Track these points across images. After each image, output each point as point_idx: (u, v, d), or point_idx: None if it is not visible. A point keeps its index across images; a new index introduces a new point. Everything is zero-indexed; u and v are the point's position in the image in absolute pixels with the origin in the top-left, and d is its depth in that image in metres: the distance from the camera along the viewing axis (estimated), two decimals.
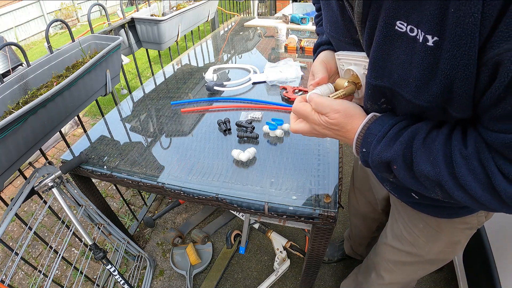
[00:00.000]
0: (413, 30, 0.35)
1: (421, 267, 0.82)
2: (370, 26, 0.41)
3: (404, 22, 0.35)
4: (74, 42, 1.11)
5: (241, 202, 0.76)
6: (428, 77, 0.36)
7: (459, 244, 0.72)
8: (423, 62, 0.35)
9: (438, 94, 0.36)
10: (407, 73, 0.38)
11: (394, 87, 0.41)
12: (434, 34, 0.33)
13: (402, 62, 0.38)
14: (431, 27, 0.32)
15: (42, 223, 1.86)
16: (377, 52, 0.40)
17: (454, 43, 0.31)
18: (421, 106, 0.40)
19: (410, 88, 0.39)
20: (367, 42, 0.43)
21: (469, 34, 0.30)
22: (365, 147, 0.47)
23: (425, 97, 0.38)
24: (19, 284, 1.54)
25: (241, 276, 1.47)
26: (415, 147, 0.41)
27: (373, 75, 0.43)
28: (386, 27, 0.37)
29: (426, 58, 0.35)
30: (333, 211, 0.71)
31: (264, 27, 2.12)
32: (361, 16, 0.41)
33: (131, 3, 6.44)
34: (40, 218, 1.74)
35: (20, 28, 6.57)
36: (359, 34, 0.45)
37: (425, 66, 0.35)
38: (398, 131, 0.44)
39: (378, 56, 0.41)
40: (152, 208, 1.87)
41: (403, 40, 0.37)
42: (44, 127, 0.89)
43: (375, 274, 0.95)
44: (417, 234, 0.73)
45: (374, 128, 0.46)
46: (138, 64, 1.70)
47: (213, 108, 1.16)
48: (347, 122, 0.48)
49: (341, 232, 1.66)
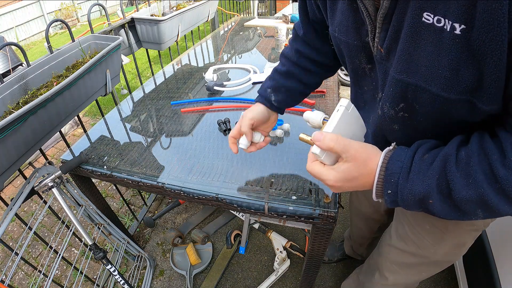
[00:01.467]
0: (440, 21, 0.35)
1: (426, 268, 0.81)
2: (396, 21, 0.40)
3: (431, 13, 0.36)
4: (74, 42, 1.11)
5: (241, 202, 0.76)
6: (457, 66, 0.36)
7: (465, 245, 0.71)
8: (451, 51, 0.35)
9: (468, 84, 0.36)
10: (436, 65, 0.38)
11: (420, 82, 0.40)
12: (461, 22, 0.33)
13: (430, 54, 0.38)
14: (458, 15, 0.33)
15: (42, 223, 1.86)
16: (404, 46, 0.40)
17: (482, 29, 0.32)
18: (449, 100, 0.39)
19: (439, 80, 0.38)
20: (391, 39, 0.42)
21: (496, 19, 0.30)
22: (391, 189, 0.43)
23: (455, 88, 0.37)
24: (19, 284, 1.54)
25: (241, 276, 1.47)
26: (450, 174, 0.38)
27: (399, 69, 0.42)
28: (414, 19, 0.37)
29: (454, 46, 0.35)
30: (333, 211, 0.71)
31: (264, 27, 2.12)
32: (385, 13, 0.41)
33: (131, 3, 6.44)
34: (40, 218, 1.74)
35: (20, 28, 6.57)
36: (375, 35, 0.44)
37: (453, 55, 0.35)
38: (422, 159, 0.42)
39: (404, 50, 0.40)
40: (152, 208, 1.87)
41: (430, 32, 0.37)
42: (44, 127, 0.89)
43: (378, 274, 0.95)
44: (423, 236, 0.72)
45: (394, 166, 0.43)
46: (138, 64, 1.70)
47: (213, 108, 1.16)
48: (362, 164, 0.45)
49: (341, 232, 1.66)
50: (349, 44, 0.52)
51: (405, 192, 0.42)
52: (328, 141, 0.46)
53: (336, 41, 0.56)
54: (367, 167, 0.45)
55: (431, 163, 0.40)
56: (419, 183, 0.40)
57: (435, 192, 0.40)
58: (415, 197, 0.41)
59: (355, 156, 0.45)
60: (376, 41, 0.45)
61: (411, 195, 0.41)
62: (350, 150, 0.45)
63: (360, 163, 0.45)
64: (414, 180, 0.41)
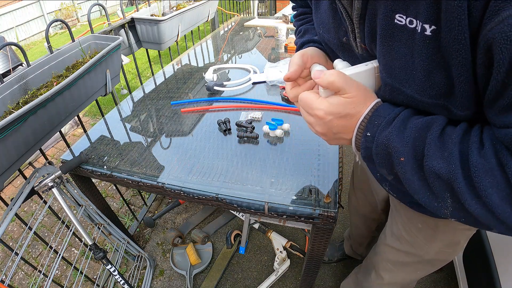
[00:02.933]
0: (412, 22, 0.34)
1: (421, 267, 0.81)
2: (369, 22, 0.40)
3: (403, 14, 0.35)
4: (74, 42, 1.11)
5: (241, 202, 0.76)
6: (429, 68, 0.35)
7: (459, 244, 0.72)
8: (422, 52, 0.35)
9: (440, 88, 0.35)
10: (409, 67, 0.37)
11: (396, 84, 0.40)
12: (431, 23, 0.32)
13: (404, 56, 0.37)
14: (428, 16, 0.32)
15: (42, 223, 1.86)
16: (379, 47, 0.40)
17: (446, 29, 0.31)
18: (425, 103, 0.38)
19: (413, 82, 0.38)
20: (369, 39, 0.42)
21: (456, 17, 0.29)
22: (370, 131, 0.41)
23: (428, 91, 0.37)
24: (19, 284, 1.54)
25: (241, 276, 1.47)
26: (430, 138, 0.36)
27: (383, 72, 0.42)
28: (386, 21, 0.37)
29: (425, 48, 0.34)
30: (333, 211, 0.71)
31: (264, 27, 2.12)
32: (359, 14, 0.41)
33: (131, 3, 6.44)
34: (40, 218, 1.74)
35: (20, 28, 6.57)
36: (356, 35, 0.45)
37: (424, 56, 0.35)
38: (410, 115, 0.40)
39: (380, 51, 0.40)
40: (152, 208, 1.87)
41: (403, 33, 0.36)
42: (44, 127, 0.89)
43: (374, 274, 0.95)
44: (416, 234, 0.73)
45: (384, 110, 0.41)
46: (138, 64, 1.70)
47: (213, 108, 1.16)
48: (363, 102, 0.42)
49: (341, 232, 1.66)
50: (330, 42, 0.52)
51: (381, 138, 0.39)
52: (329, 75, 0.42)
53: (320, 38, 0.57)
54: (365, 106, 0.42)
55: (418, 122, 0.38)
56: (397, 133, 0.38)
57: (410, 151, 0.37)
58: (388, 148, 0.39)
59: (356, 94, 0.42)
60: (358, 40, 0.45)
61: (385, 144, 0.39)
62: (352, 86, 0.42)
63: (360, 101, 0.42)
64: (394, 129, 0.39)
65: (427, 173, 0.36)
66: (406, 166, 0.38)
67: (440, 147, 0.35)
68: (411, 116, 0.40)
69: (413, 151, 0.37)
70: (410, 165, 0.37)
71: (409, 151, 0.37)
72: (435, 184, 0.36)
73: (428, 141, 0.36)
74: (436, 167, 0.35)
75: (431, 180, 0.36)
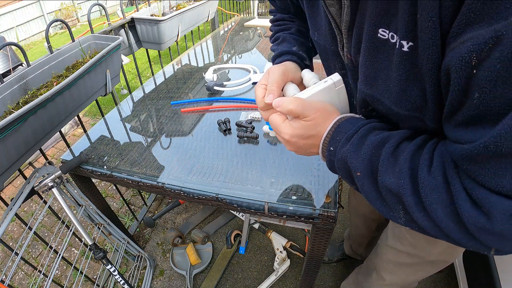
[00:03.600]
0: (393, 37, 0.35)
1: (422, 268, 0.81)
2: (356, 34, 0.41)
3: (386, 29, 0.36)
4: (74, 42, 1.11)
5: (241, 202, 0.76)
6: (405, 83, 0.36)
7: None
8: (399, 67, 0.36)
9: (415, 102, 0.36)
10: (388, 80, 0.38)
11: (376, 94, 0.41)
12: (409, 40, 0.33)
13: (384, 68, 0.39)
14: (406, 33, 0.33)
15: (42, 223, 1.86)
16: (363, 58, 0.41)
17: (422, 48, 0.32)
18: (401, 115, 0.40)
19: (391, 94, 0.39)
20: (355, 50, 0.43)
21: (430, 38, 0.30)
22: (333, 145, 0.44)
23: (404, 104, 0.38)
24: (19, 284, 1.54)
25: (241, 276, 1.47)
26: (384, 154, 0.38)
27: (361, 79, 0.43)
28: (370, 34, 0.38)
29: (402, 63, 0.35)
30: (333, 211, 0.71)
31: (264, 27, 2.12)
32: (347, 26, 0.42)
33: (131, 3, 6.44)
34: (40, 218, 1.74)
35: (20, 28, 6.57)
36: (344, 45, 0.46)
37: (401, 71, 0.36)
38: (368, 132, 0.41)
39: (363, 62, 0.41)
40: (152, 208, 1.87)
41: (385, 47, 0.37)
42: (44, 127, 0.89)
43: (375, 274, 0.95)
44: (418, 236, 0.72)
45: (345, 126, 0.43)
46: (138, 64, 1.70)
47: (213, 108, 1.16)
48: (324, 122, 0.45)
49: (341, 232, 1.66)
50: (326, 49, 0.53)
51: (340, 153, 0.42)
52: (287, 104, 0.45)
53: (315, 45, 0.57)
54: (325, 125, 0.44)
55: (374, 139, 0.40)
56: (355, 150, 0.40)
57: (366, 167, 0.39)
58: (346, 163, 0.41)
59: (314, 116, 0.44)
60: (345, 50, 0.46)
61: (344, 160, 0.41)
62: (310, 112, 0.44)
63: (319, 123, 0.45)
64: (352, 146, 0.41)
65: (380, 187, 0.38)
66: (363, 180, 0.40)
67: (393, 163, 0.37)
68: (370, 133, 0.41)
69: (369, 167, 0.39)
70: (366, 179, 0.39)
71: (365, 167, 0.39)
72: (387, 197, 0.38)
73: (381, 158, 0.38)
74: (387, 182, 0.37)
75: (384, 193, 0.38)
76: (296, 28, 0.67)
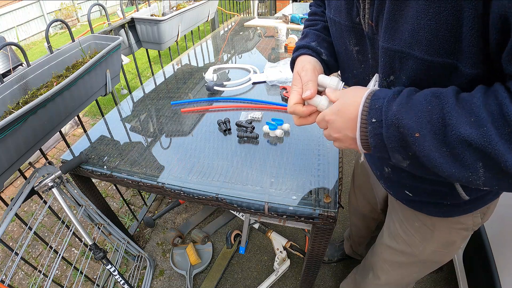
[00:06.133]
0: None
1: (415, 269, 0.82)
2: None
3: None
4: (74, 42, 1.11)
5: (241, 202, 0.76)
6: (436, 26, 0.35)
7: (454, 245, 0.71)
8: (429, 10, 0.35)
9: (450, 45, 0.35)
10: (417, 28, 0.37)
11: (404, 48, 0.40)
12: None
13: (411, 18, 0.38)
14: None
15: (42, 223, 1.86)
16: (389, 14, 0.41)
17: None
18: (434, 64, 0.38)
19: (421, 43, 0.38)
20: (378, 11, 0.43)
21: None
22: (375, 116, 0.40)
23: (438, 50, 0.36)
24: (19, 284, 1.54)
25: (241, 276, 1.47)
26: (448, 107, 0.34)
27: (386, 37, 0.42)
28: None
29: (432, 4, 0.35)
30: (333, 211, 0.71)
31: (264, 27, 2.12)
32: None
33: (131, 3, 6.44)
34: (40, 218, 1.74)
35: (20, 28, 6.57)
36: (365, 11, 0.46)
37: (431, 14, 0.35)
38: (411, 92, 0.39)
39: (389, 18, 0.41)
40: (152, 208, 1.87)
41: None
42: (44, 127, 0.89)
43: (372, 274, 0.95)
44: (413, 233, 0.73)
45: (380, 93, 0.41)
46: (138, 64, 1.70)
47: (213, 108, 1.16)
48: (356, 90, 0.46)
49: (341, 232, 1.66)
50: (341, 25, 0.54)
51: (389, 119, 0.38)
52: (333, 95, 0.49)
53: (330, 23, 0.59)
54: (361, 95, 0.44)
55: (425, 94, 0.37)
56: (407, 111, 0.37)
57: (425, 123, 0.35)
58: (399, 127, 0.37)
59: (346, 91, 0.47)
60: (366, 17, 0.47)
61: (395, 124, 0.37)
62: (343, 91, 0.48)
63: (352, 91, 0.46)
64: (402, 107, 0.37)
65: (455, 143, 0.33)
66: (424, 142, 0.36)
67: (464, 114, 0.33)
68: (413, 93, 0.39)
69: (429, 124, 0.35)
70: (428, 139, 0.35)
71: (425, 125, 0.35)
72: (465, 154, 0.33)
73: (447, 110, 0.34)
74: (464, 134, 0.32)
75: (461, 150, 0.33)
76: (322, 25, 0.68)
